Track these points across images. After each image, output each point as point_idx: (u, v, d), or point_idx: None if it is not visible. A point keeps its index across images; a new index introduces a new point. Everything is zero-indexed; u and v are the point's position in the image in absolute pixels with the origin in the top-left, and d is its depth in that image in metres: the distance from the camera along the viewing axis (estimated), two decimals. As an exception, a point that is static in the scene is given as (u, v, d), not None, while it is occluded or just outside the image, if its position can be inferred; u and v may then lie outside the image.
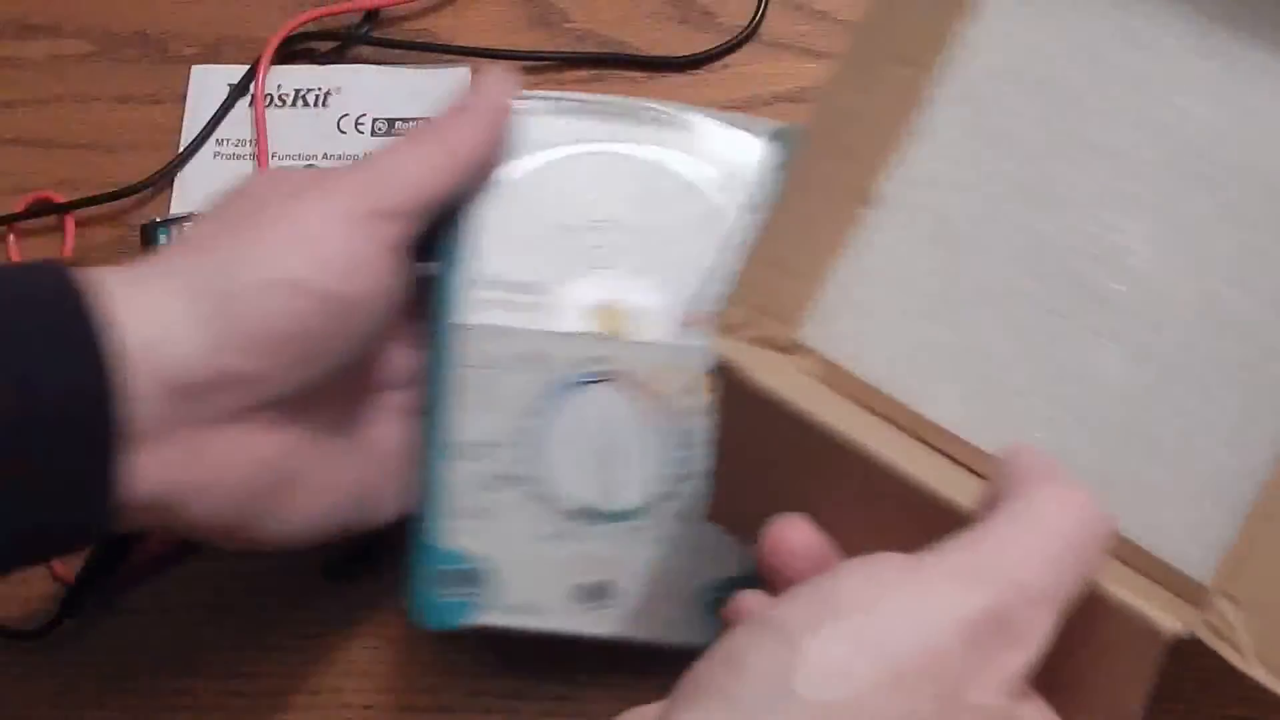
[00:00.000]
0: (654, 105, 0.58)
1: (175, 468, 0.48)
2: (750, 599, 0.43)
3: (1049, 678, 0.39)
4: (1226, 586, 0.40)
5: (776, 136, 0.57)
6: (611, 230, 0.56)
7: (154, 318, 0.47)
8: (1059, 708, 0.40)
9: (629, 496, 0.55)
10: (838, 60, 0.45)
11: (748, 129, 0.57)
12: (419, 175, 0.52)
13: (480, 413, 0.55)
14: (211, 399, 0.48)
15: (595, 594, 0.54)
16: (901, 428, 0.44)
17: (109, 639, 0.62)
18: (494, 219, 0.56)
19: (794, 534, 0.42)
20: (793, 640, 0.36)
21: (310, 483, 0.52)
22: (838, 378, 0.44)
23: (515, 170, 0.56)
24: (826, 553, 0.42)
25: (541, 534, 0.54)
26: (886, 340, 0.45)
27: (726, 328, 0.43)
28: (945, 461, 0.43)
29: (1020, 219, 0.45)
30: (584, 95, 0.58)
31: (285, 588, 0.61)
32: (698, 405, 0.53)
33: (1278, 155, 0.43)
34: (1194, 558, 0.41)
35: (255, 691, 0.60)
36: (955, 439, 0.42)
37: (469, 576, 0.54)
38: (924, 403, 0.43)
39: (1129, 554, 0.40)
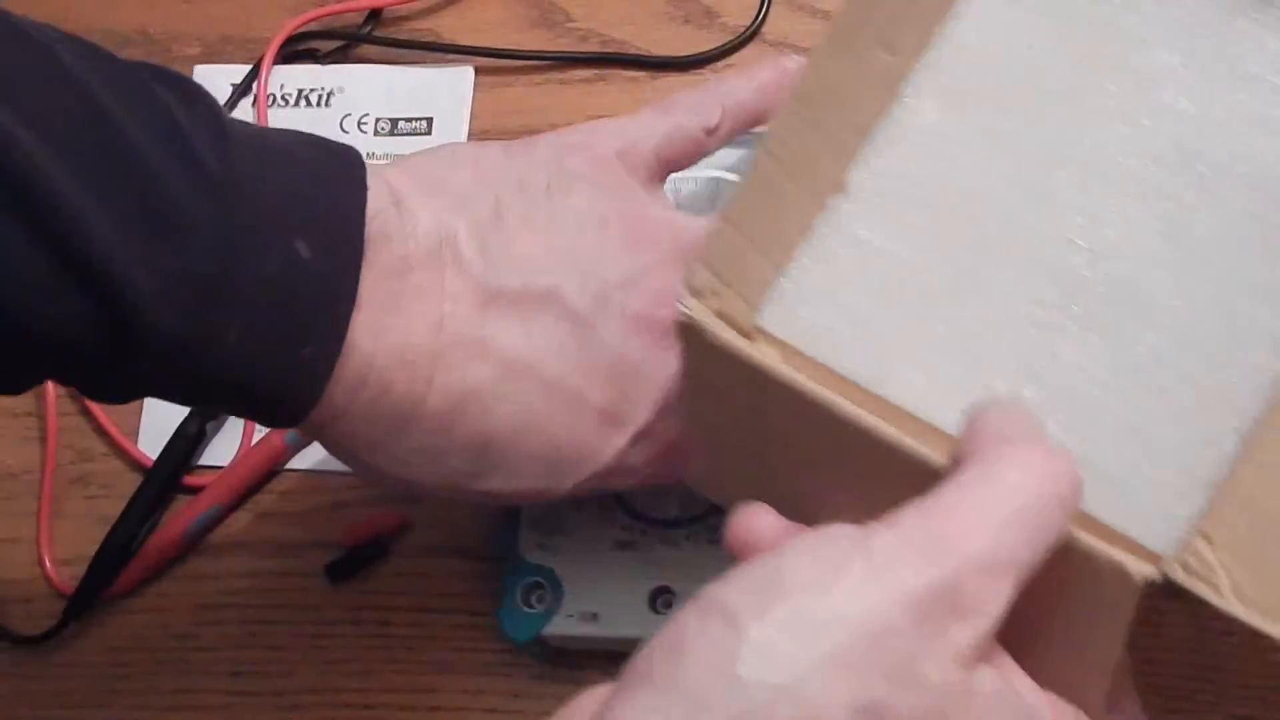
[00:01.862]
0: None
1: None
2: None
3: (1017, 631, 0.38)
4: (1202, 526, 0.39)
5: None
6: None
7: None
8: (1031, 663, 0.39)
9: (692, 505, 0.56)
10: (825, 30, 0.44)
11: None
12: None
13: None
14: None
15: (661, 600, 0.56)
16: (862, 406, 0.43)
17: (109, 639, 0.62)
18: None
19: (757, 522, 0.41)
20: (737, 624, 0.36)
21: None
22: (799, 364, 0.43)
23: None
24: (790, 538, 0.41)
25: (611, 544, 0.56)
26: (851, 330, 0.43)
27: (693, 289, 0.42)
28: (908, 430, 0.42)
29: (998, 212, 0.44)
30: None
31: (285, 588, 0.62)
32: None
33: (1262, 147, 0.42)
34: (1157, 535, 0.40)
35: (255, 691, 0.60)
36: (914, 419, 0.41)
37: (547, 588, 0.56)
38: (886, 387, 0.42)
39: (1091, 528, 0.39)
